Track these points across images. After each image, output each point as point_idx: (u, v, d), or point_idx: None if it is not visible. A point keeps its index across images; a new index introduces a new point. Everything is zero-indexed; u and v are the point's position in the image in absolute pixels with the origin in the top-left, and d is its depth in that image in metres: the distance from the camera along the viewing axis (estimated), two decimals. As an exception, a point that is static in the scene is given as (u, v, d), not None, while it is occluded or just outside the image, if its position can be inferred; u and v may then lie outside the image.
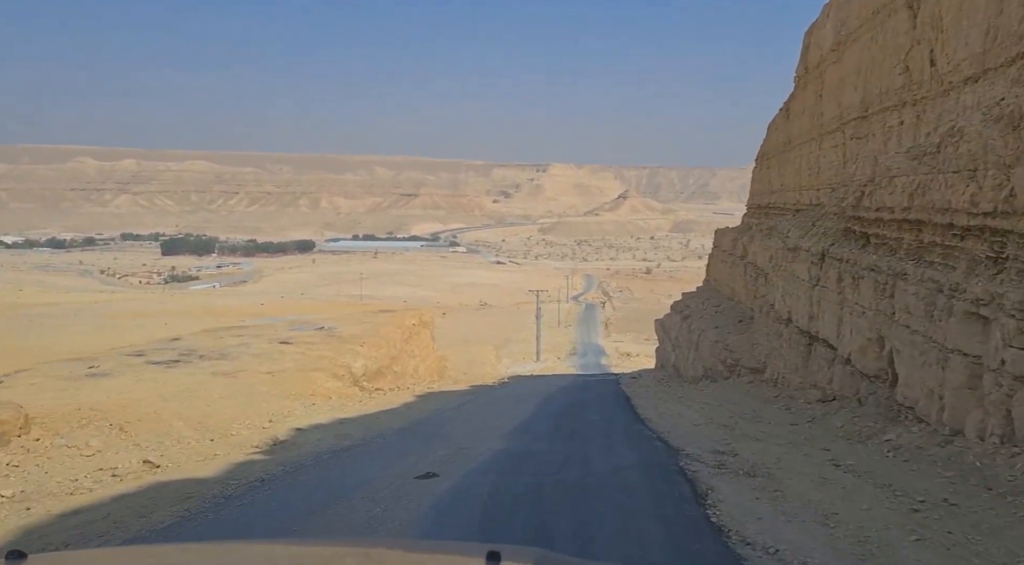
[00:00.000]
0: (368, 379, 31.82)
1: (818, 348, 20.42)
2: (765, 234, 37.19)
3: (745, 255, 42.23)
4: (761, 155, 47.43)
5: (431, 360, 47.48)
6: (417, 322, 46.39)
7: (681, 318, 50.22)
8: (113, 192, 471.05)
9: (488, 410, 23.32)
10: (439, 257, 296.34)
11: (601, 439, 15.66)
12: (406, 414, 21.40)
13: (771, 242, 34.67)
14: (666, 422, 18.07)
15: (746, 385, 26.87)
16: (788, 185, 36.60)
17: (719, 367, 32.47)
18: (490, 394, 30.89)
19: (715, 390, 27.91)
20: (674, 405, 22.86)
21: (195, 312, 57.58)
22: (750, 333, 32.59)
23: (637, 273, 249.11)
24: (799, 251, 22.62)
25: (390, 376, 35.60)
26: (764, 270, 34.64)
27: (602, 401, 27.14)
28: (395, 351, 38.51)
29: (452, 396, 29.05)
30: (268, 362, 29.15)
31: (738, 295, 42.89)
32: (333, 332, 37.89)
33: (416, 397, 27.68)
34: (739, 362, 30.14)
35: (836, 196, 22.49)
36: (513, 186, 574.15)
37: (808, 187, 31.73)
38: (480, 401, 26.73)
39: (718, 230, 56.17)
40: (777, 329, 25.21)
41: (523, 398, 27.52)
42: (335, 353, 31.80)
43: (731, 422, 17.24)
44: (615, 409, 23.58)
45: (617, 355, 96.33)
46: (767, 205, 43.54)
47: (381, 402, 25.17)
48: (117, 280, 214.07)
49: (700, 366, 37.25)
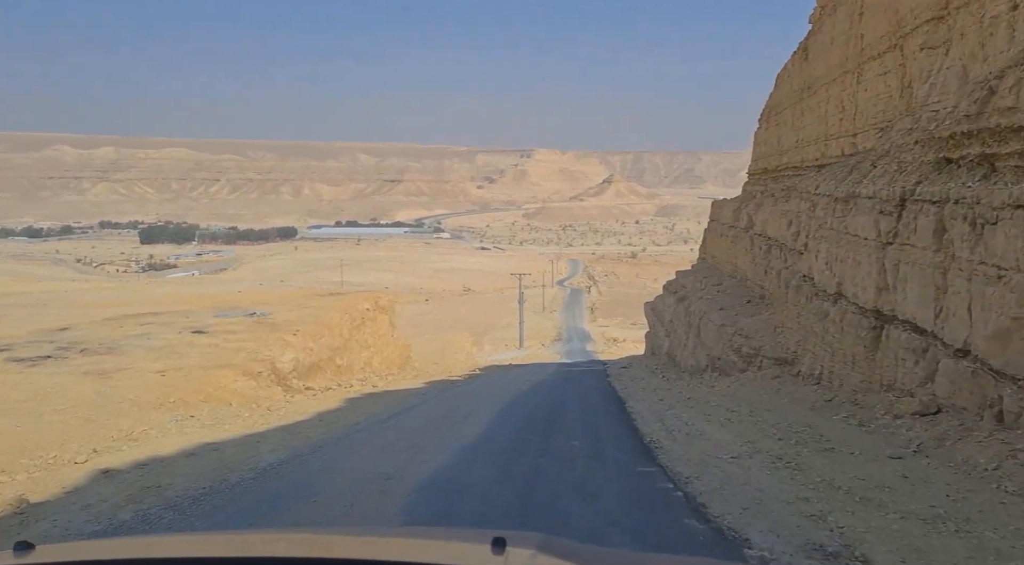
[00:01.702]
0: (300, 375, 25.96)
1: (894, 333, 14.33)
2: (782, 197, 32.04)
3: (751, 226, 37.81)
4: (768, 112, 42.04)
5: (390, 350, 41.60)
6: (372, 307, 40.27)
7: (676, 300, 45.97)
8: (91, 180, 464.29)
9: (416, 431, 15.67)
10: (423, 243, 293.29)
11: (578, 508, 8.82)
12: (297, 437, 14.45)
13: (789, 205, 29.36)
14: (684, 450, 11.71)
15: (772, 381, 20.87)
16: (808, 138, 30.88)
17: (731, 357, 26.93)
18: (442, 396, 24.18)
19: (731, 388, 21.99)
20: (684, 412, 16.68)
21: (165, 300, 51.83)
22: (769, 315, 26.82)
23: (623, 258, 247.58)
24: (857, 201, 16.53)
25: (331, 371, 29.82)
26: (779, 240, 29.93)
27: (586, 405, 21.20)
28: (340, 341, 32.77)
29: (393, 399, 22.76)
30: (167, 357, 23.14)
31: (742, 272, 38.34)
32: (264, 319, 32.14)
33: (345, 402, 21.48)
34: (759, 351, 24.40)
35: (911, 122, 16.34)
36: (497, 172, 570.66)
37: (838, 134, 25.77)
38: (419, 411, 19.90)
39: (715, 202, 52.08)
40: (817, 308, 19.16)
41: (482, 402, 21.16)
42: (258, 344, 26.02)
43: (786, 451, 11.09)
44: (603, 422, 17.11)
45: (603, 341, 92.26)
46: (777, 168, 38.06)
47: (292, 411, 18.96)
48: (93, 269, 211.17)
49: (703, 355, 32.41)
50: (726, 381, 24.58)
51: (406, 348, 46.57)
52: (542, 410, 19.77)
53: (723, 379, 25.56)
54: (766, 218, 34.29)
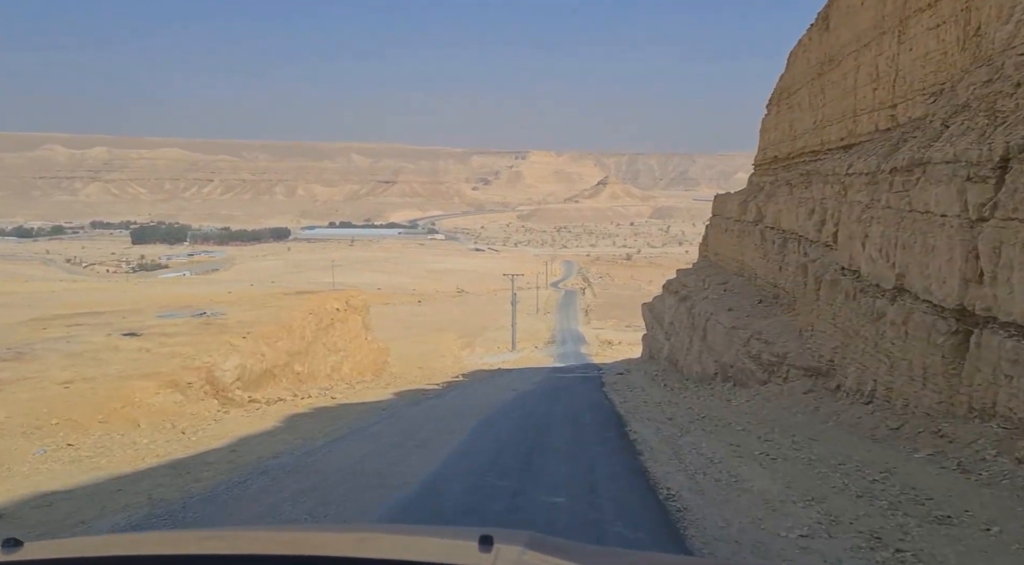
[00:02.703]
0: (247, 385, 22.38)
1: (990, 340, 10.57)
2: (800, 184, 28.58)
3: (760, 219, 34.98)
4: (778, 95, 38.76)
5: (363, 355, 38.09)
6: (342, 306, 36.60)
7: (678, 300, 43.12)
8: (84, 180, 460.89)
9: (336, 476, 11.38)
10: (417, 244, 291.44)
11: None
12: (176, 482, 10.11)
13: (810, 192, 26.00)
14: (720, 514, 7.58)
15: (805, 397, 17.26)
16: (830, 116, 27.51)
17: (746, 364, 23.70)
18: (405, 412, 20.66)
19: (753, 403, 18.46)
20: (703, 439, 12.89)
21: (153, 300, 48.51)
22: (791, 316, 23.39)
23: (617, 259, 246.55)
24: (927, 168, 12.90)
25: (287, 379, 26.32)
26: (796, 232, 26.99)
27: (577, 428, 17.49)
28: (301, 344, 29.39)
29: (344, 417, 18.97)
30: (82, 365, 19.55)
31: (751, 269, 35.44)
32: (214, 319, 28.60)
33: (283, 421, 17.84)
34: (784, 359, 20.98)
35: (988, 73, 12.77)
36: (492, 173, 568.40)
37: (871, 108, 22.21)
38: (365, 436, 15.86)
39: (718, 196, 49.30)
40: (866, 307, 15.54)
41: (449, 423, 17.68)
42: (198, 349, 22.49)
43: (882, 523, 6.92)
44: (600, 457, 13.05)
45: (598, 343, 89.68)
46: (789, 155, 35.02)
47: (209, 435, 15.15)
48: (83, 269, 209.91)
49: (711, 361, 29.53)
50: (745, 394, 21.32)
51: (383, 352, 43.21)
52: (521, 436, 16.23)
53: (740, 391, 22.33)
54: (780, 209, 31.53)
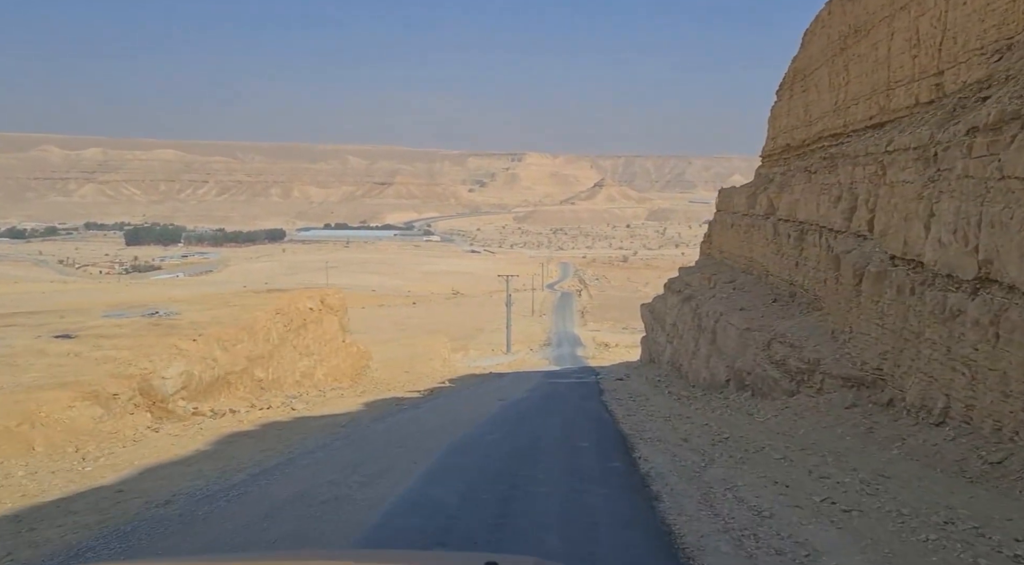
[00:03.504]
0: (193, 394, 20.66)
1: None
2: (823, 169, 26.82)
3: (772, 212, 33.87)
4: (790, 79, 36.95)
5: (340, 359, 36.35)
6: (317, 306, 34.34)
7: (681, 300, 41.64)
8: (78, 181, 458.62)
9: (215, 548, 8.75)
10: (413, 246, 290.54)
11: None
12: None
13: (836, 176, 24.60)
14: None
15: (849, 413, 14.68)
16: (856, 94, 25.53)
17: (767, 371, 21.92)
18: (367, 430, 17.79)
19: (784, 420, 15.88)
20: (738, 475, 9.51)
21: (119, 299, 45.83)
22: (818, 316, 20.83)
23: (614, 261, 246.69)
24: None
25: (246, 386, 24.65)
26: (818, 222, 25.79)
27: (572, 454, 14.08)
28: (266, 347, 27.84)
29: (296, 435, 16.49)
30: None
31: (761, 266, 34.29)
32: (165, 320, 27.00)
33: (217, 443, 15.36)
34: (817, 366, 18.47)
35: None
36: (488, 175, 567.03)
37: (910, 78, 20.32)
38: (304, 466, 13.21)
39: (723, 189, 47.95)
40: (933, 303, 12.90)
41: (415, 445, 14.84)
42: (137, 354, 20.77)
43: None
44: (603, 502, 10.05)
45: (594, 345, 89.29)
46: (805, 142, 33.12)
47: (112, 464, 12.95)
48: (75, 270, 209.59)
49: (722, 366, 27.80)
50: (769, 407, 18.90)
51: (363, 355, 41.24)
52: (499, 470, 12.93)
53: (762, 403, 20.03)
54: (796, 199, 29.80)
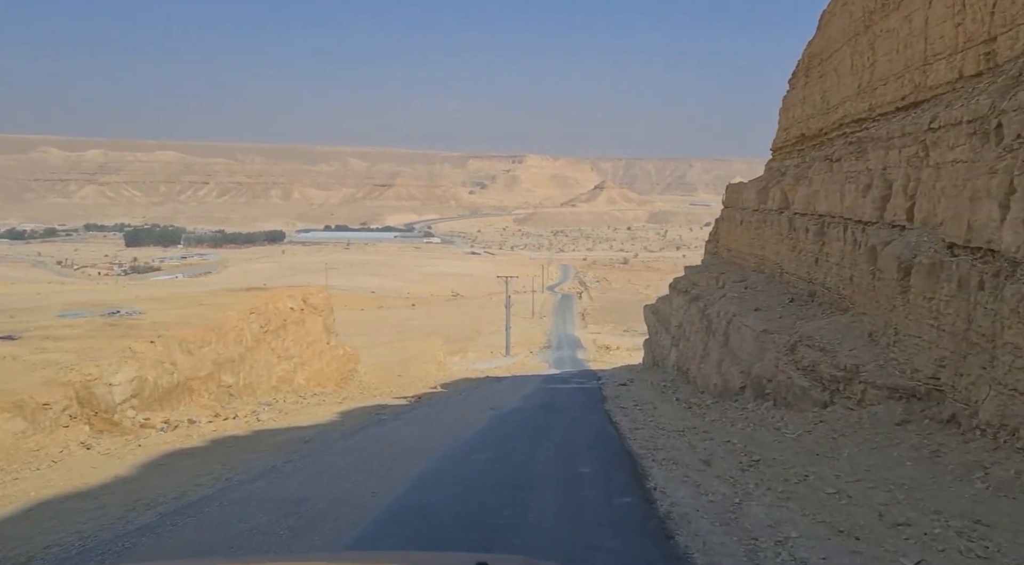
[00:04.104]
0: (151, 401, 19.96)
1: None
2: (850, 156, 25.23)
3: (787, 206, 32.24)
4: (806, 65, 35.51)
5: (324, 362, 35.15)
6: (299, 306, 33.73)
7: (687, 300, 39.76)
8: (78, 183, 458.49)
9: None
10: (413, 248, 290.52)
11: None
12: None
13: (865, 163, 23.16)
14: None
15: (903, 431, 13.25)
16: (885, 73, 23.96)
17: (795, 379, 20.20)
18: (328, 452, 15.92)
19: (823, 439, 14.35)
20: (790, 520, 9.20)
21: (96, 298, 46.83)
22: (850, 317, 20.45)
23: (614, 263, 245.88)
24: None
25: (211, 392, 23.62)
26: (842, 215, 24.31)
27: (571, 491, 11.86)
28: (238, 349, 26.49)
29: (247, 453, 15.67)
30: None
31: (774, 264, 32.83)
32: (125, 320, 26.48)
33: (142, 466, 14.39)
34: (857, 374, 16.95)
35: None
36: (489, 177, 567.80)
37: (953, 49, 18.85)
38: (211, 509, 11.37)
39: (730, 185, 46.26)
40: (1017, 300, 12.02)
41: (381, 470, 13.28)
42: (84, 357, 19.97)
43: None
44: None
45: (595, 348, 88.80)
46: (822, 130, 31.70)
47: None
48: (74, 271, 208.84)
49: (736, 372, 25.99)
50: (799, 420, 16.76)
51: (350, 358, 40.13)
52: (477, 507, 10.95)
53: (790, 416, 17.99)
54: (815, 191, 28.23)
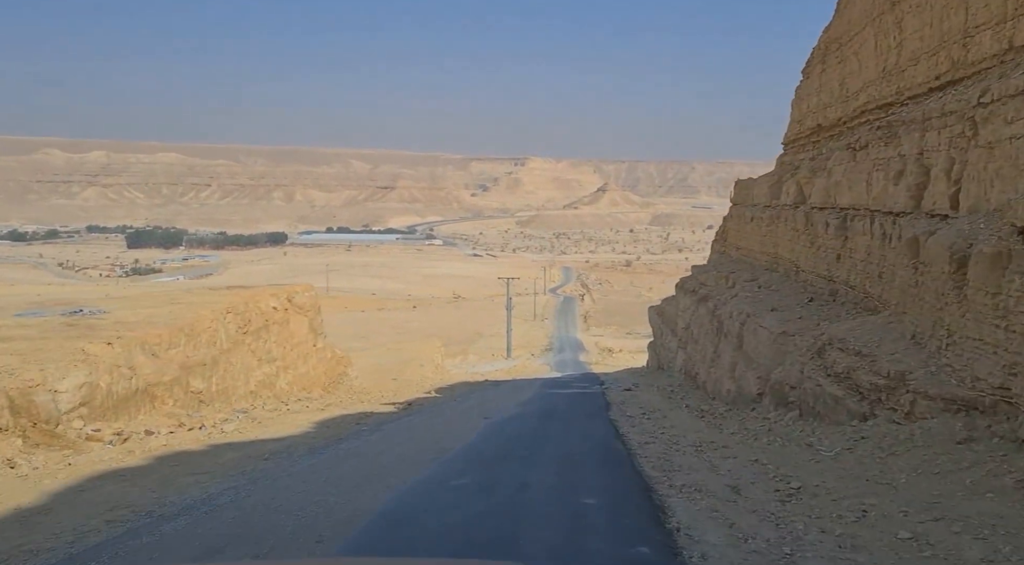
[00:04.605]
0: (105, 410, 18.47)
1: None
2: (879, 141, 23.89)
3: (803, 200, 31.13)
4: (821, 53, 34.04)
5: (310, 365, 33.35)
6: (282, 305, 31.84)
7: (695, 301, 38.50)
8: (81, 184, 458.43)
9: None
10: (415, 250, 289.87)
11: None
12: None
13: (898, 148, 21.60)
14: None
15: (970, 452, 11.58)
16: (916, 52, 22.04)
17: (825, 387, 18.04)
18: (283, 475, 14.27)
19: (869, 460, 12.57)
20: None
21: (80, 296, 45.63)
22: (890, 317, 18.36)
23: (617, 266, 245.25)
24: None
25: (179, 398, 22.02)
26: (869, 206, 23.14)
27: (572, 540, 9.52)
28: (210, 352, 24.83)
29: (184, 477, 14.05)
30: None
31: (788, 262, 31.69)
32: (84, 320, 25.00)
33: (45, 495, 12.89)
34: (904, 383, 14.80)
35: None
36: (491, 179, 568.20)
37: (997, 20, 17.41)
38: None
39: (739, 181, 45.21)
40: None
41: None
42: (28, 361, 18.50)
43: None
44: None
45: (597, 351, 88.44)
46: (840, 119, 30.17)
47: None
48: (75, 273, 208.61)
49: (752, 377, 24.41)
50: (836, 436, 14.90)
51: (341, 361, 38.42)
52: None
53: (823, 429, 16.32)
54: (837, 182, 26.87)
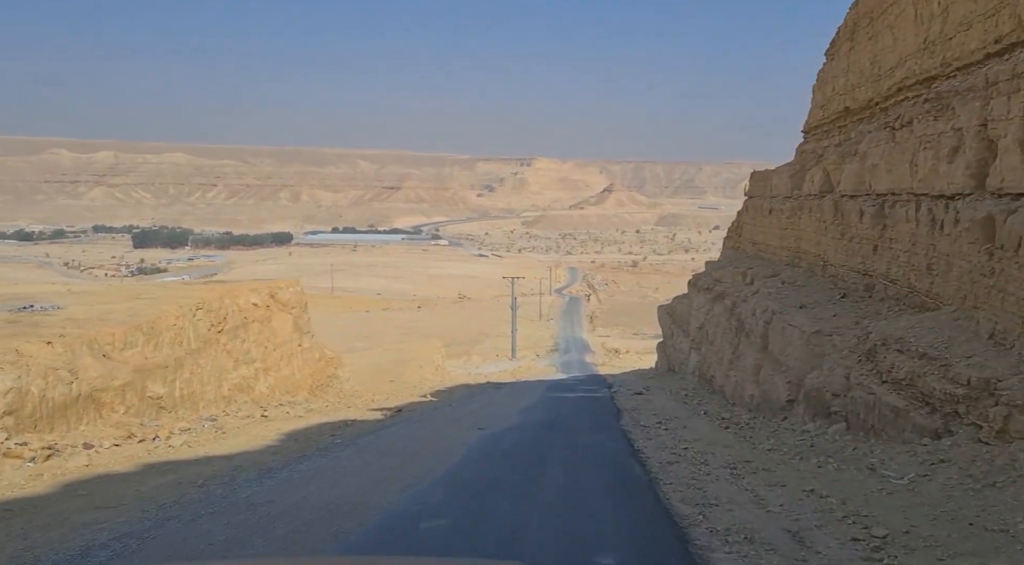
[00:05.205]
0: (36, 420, 17.07)
1: None
2: (926, 117, 21.56)
3: (830, 189, 29.33)
4: (849, 31, 32.00)
5: (295, 367, 31.17)
6: (263, 302, 29.60)
7: (711, 299, 36.47)
8: (88, 184, 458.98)
9: None
10: (420, 250, 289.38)
11: None
12: None
13: (945, 124, 19.73)
14: None
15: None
16: (965, 17, 19.72)
17: (879, 395, 15.94)
18: (204, 511, 11.11)
19: (967, 496, 10.42)
20: None
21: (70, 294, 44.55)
22: (959, 312, 16.45)
23: (623, 266, 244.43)
24: None
25: (134, 405, 20.32)
26: (915, 190, 21.25)
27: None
28: (174, 352, 22.78)
29: (61, 526, 10.77)
30: None
31: (813, 256, 29.92)
32: (30, 316, 23.32)
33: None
34: (992, 392, 12.62)
35: None
36: (497, 180, 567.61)
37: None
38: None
39: (755, 172, 43.73)
40: None
41: (289, 542, 9.12)
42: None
43: None
44: None
45: (603, 352, 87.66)
46: (872, 101, 28.09)
47: None
48: (80, 272, 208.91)
49: (782, 382, 22.34)
50: (905, 458, 12.84)
51: (330, 362, 36.65)
52: None
53: (883, 448, 14.22)
54: (873, 165, 24.83)
